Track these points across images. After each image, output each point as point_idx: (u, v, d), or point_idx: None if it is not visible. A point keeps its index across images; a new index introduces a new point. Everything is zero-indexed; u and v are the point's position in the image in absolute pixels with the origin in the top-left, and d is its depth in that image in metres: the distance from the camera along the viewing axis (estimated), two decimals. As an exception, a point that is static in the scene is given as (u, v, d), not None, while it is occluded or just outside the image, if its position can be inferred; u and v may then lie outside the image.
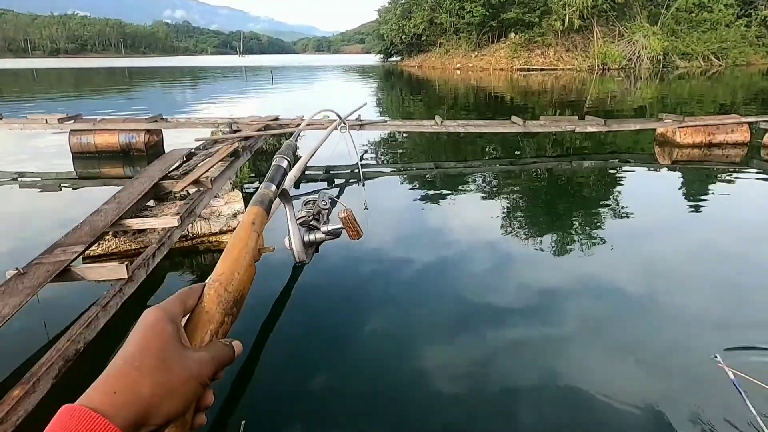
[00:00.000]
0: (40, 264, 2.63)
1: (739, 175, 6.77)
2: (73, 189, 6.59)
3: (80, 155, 7.87)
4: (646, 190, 6.43)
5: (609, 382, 2.51)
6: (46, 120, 7.83)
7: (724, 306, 3.31)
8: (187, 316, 0.49)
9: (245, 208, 4.58)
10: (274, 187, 0.69)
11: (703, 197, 6.06)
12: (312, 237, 0.75)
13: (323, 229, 0.76)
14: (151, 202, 4.40)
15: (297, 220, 0.74)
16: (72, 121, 8.02)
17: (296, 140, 0.86)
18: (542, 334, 2.97)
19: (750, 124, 7.87)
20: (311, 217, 0.76)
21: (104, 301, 2.47)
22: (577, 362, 2.70)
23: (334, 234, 0.78)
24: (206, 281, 0.52)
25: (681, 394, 2.44)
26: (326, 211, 0.78)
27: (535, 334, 2.97)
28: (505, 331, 3.01)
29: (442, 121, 7.84)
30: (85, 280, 2.66)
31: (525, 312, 3.22)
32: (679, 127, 7.77)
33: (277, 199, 0.71)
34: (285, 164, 0.75)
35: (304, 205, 0.79)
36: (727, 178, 6.67)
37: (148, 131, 7.97)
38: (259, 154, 7.58)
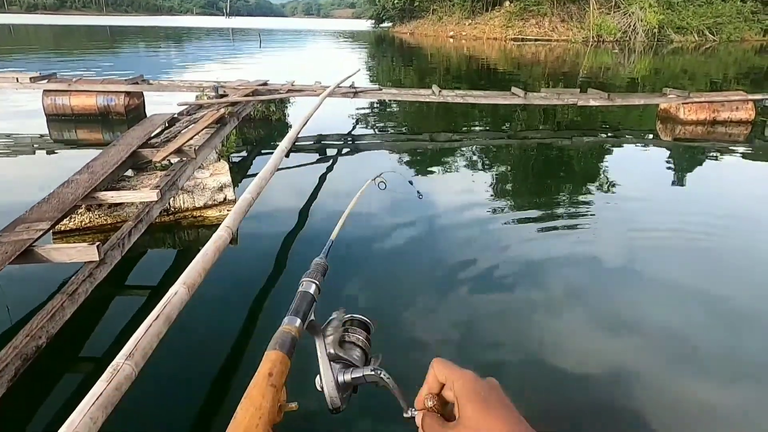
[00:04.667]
0: (-2, 243, 2.32)
1: (743, 153, 6.59)
2: (48, 153, 6.21)
3: (55, 117, 7.41)
4: (646, 167, 6.24)
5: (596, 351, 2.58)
6: (17, 79, 7.31)
7: (707, 279, 3.33)
8: None
9: (231, 180, 4.26)
10: (298, 322, 0.57)
11: (703, 175, 5.95)
12: (348, 377, 0.57)
13: (348, 377, 0.59)
14: (129, 172, 4.07)
15: (329, 356, 0.58)
16: (45, 81, 7.51)
17: (326, 257, 0.69)
18: (532, 304, 2.97)
19: (755, 101, 7.64)
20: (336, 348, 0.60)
21: (71, 288, 2.18)
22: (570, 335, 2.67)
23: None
24: None
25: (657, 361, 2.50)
26: (342, 335, 0.59)
27: (527, 305, 2.96)
28: (499, 304, 2.98)
29: (439, 91, 7.49)
30: (50, 262, 2.37)
31: (518, 283, 3.21)
32: (683, 103, 7.51)
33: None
34: (313, 290, 0.62)
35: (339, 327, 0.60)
36: (730, 156, 6.47)
37: (128, 94, 7.52)
38: (247, 121, 7.19)
